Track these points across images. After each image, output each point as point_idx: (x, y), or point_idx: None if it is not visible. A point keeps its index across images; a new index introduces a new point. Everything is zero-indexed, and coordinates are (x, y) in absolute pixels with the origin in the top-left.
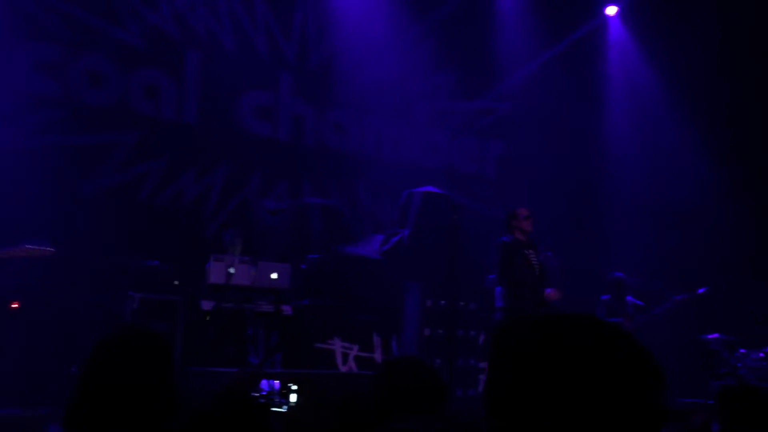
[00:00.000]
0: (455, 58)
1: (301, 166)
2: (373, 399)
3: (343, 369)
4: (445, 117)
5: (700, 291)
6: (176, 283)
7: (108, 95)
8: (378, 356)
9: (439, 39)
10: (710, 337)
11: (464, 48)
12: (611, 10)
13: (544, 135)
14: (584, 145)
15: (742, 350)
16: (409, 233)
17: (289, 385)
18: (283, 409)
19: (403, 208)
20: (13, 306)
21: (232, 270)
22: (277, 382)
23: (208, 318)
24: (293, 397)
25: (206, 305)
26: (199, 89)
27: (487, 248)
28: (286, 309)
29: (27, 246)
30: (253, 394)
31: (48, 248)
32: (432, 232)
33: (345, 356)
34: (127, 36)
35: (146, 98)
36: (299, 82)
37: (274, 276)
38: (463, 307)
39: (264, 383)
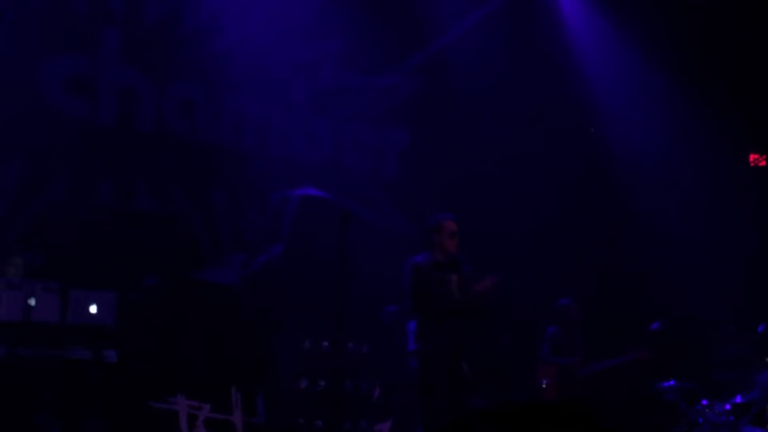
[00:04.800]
0: (345, 19)
1: (132, 160)
2: None
3: None
4: (330, 97)
5: (654, 326)
6: None
7: None
8: (238, 418)
9: None
10: (665, 385)
11: (357, 7)
12: None
13: (465, 121)
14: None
15: (704, 401)
16: (282, 251)
17: None
18: None
19: (274, 218)
20: None
21: (32, 302)
22: None
23: None
24: None
25: None
26: None
27: (386, 271)
28: (110, 355)
29: None
30: None
31: None
32: (313, 249)
33: (192, 419)
34: None
35: None
36: (130, 44)
37: (92, 310)
38: (354, 350)
39: None
